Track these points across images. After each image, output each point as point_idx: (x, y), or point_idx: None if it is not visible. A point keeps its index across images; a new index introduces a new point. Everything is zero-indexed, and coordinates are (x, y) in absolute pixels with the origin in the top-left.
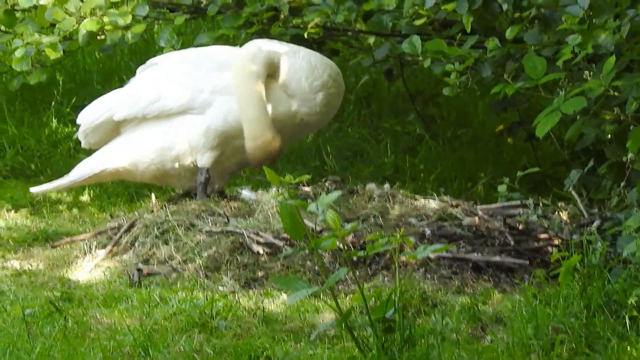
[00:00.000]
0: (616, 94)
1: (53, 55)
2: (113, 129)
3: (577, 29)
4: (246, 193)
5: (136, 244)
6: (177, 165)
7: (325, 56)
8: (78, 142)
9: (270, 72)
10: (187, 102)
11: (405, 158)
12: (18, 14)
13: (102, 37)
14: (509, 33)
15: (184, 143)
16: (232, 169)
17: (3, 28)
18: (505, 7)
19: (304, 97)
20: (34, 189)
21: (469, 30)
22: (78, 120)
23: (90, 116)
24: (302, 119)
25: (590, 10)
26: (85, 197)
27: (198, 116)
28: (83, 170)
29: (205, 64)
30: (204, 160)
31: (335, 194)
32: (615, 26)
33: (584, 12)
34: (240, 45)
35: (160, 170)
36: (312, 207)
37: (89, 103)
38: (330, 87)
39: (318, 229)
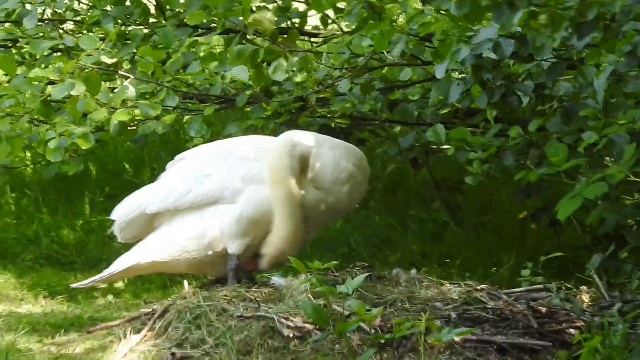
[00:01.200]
0: (636, 179)
1: (85, 145)
2: (147, 224)
3: (591, 125)
4: (276, 279)
5: (169, 329)
6: (210, 252)
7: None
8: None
9: (302, 165)
10: (218, 193)
11: (431, 244)
12: (54, 104)
13: (134, 127)
14: (532, 126)
15: (216, 230)
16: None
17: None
18: (525, 101)
19: (331, 189)
20: (74, 285)
21: (492, 122)
22: (112, 216)
23: (124, 211)
24: (328, 207)
25: (606, 106)
26: (119, 284)
27: (229, 205)
28: (120, 264)
29: (233, 154)
30: (234, 247)
31: (361, 278)
32: (631, 120)
33: (603, 104)
34: (270, 134)
35: (196, 258)
36: (340, 289)
37: (121, 192)
38: (356, 176)
39: (346, 313)
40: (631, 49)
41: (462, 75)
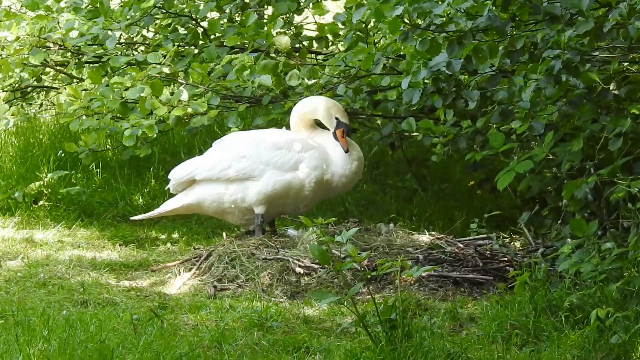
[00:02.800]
0: (554, 157)
1: (151, 133)
2: (192, 181)
3: (518, 117)
4: (291, 231)
5: (212, 268)
6: (232, 206)
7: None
8: (170, 195)
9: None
10: (249, 171)
11: (404, 205)
12: (129, 105)
13: (187, 120)
14: (479, 122)
15: (240, 194)
16: (275, 215)
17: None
18: (472, 105)
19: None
20: (133, 218)
21: (443, 119)
22: (170, 176)
23: (179, 174)
24: (331, 184)
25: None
26: (176, 235)
27: (254, 182)
28: (167, 205)
29: (263, 143)
30: (259, 210)
31: (354, 230)
32: (550, 112)
33: (529, 105)
34: (286, 124)
35: (221, 207)
36: (338, 238)
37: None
38: (359, 161)
39: (342, 256)
40: (548, 70)
41: (426, 83)
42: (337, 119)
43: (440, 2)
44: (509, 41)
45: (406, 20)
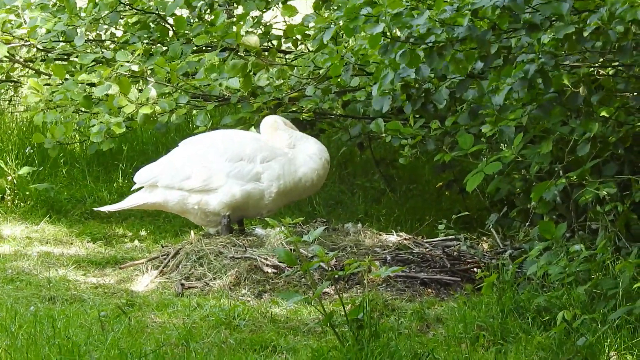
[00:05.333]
0: (523, 159)
1: (118, 130)
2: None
3: (488, 120)
4: (259, 230)
5: (180, 266)
6: (197, 207)
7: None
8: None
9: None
10: (208, 183)
11: (372, 205)
12: (94, 100)
13: (155, 118)
14: (448, 122)
15: (204, 199)
16: (238, 217)
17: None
18: (442, 105)
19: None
20: (96, 209)
21: (412, 124)
22: (135, 179)
23: (142, 178)
24: (305, 183)
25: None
26: (143, 233)
27: (214, 193)
28: (132, 200)
29: (227, 152)
30: (224, 212)
31: (320, 230)
32: (519, 116)
33: (499, 106)
34: (255, 124)
35: (183, 207)
36: (305, 238)
37: (145, 165)
38: (325, 164)
39: (310, 255)
40: (523, 75)
41: (395, 89)
42: None
43: (420, 14)
44: (483, 47)
45: (387, 34)
